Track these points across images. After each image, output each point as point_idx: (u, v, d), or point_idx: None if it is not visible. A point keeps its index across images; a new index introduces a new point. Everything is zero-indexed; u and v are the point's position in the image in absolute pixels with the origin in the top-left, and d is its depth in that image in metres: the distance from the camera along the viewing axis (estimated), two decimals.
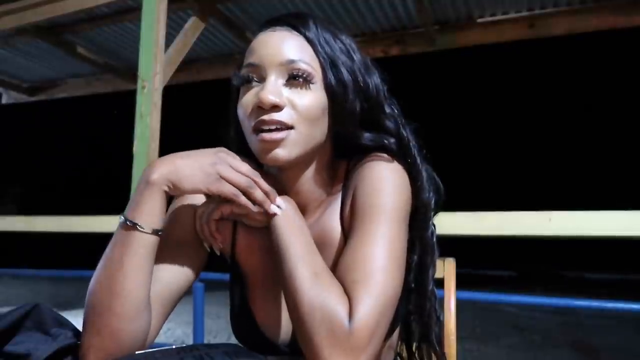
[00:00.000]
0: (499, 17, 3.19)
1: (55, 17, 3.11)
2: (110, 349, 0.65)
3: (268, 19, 0.79)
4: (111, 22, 3.50)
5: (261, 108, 0.71)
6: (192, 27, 2.83)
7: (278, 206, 0.72)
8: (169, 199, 0.73)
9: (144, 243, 0.68)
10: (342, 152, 0.82)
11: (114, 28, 3.63)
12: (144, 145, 2.33)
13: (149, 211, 0.68)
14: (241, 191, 0.70)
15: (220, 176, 0.69)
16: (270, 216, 0.72)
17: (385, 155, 0.76)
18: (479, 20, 3.23)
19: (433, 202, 0.80)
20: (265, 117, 0.71)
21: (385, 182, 0.73)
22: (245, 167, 0.71)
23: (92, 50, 3.99)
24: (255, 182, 0.70)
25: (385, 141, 0.77)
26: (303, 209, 0.79)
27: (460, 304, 1.03)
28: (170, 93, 2.57)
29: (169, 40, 2.61)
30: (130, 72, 4.03)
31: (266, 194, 0.71)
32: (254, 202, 0.71)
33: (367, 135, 0.77)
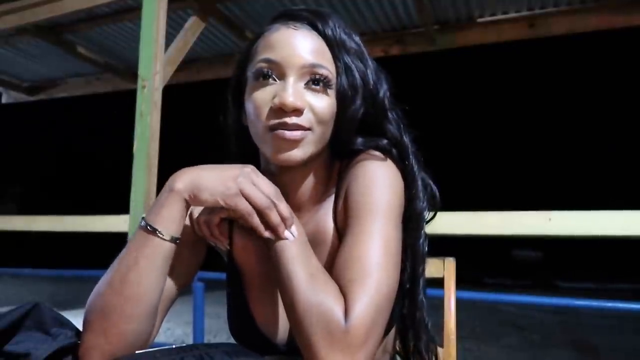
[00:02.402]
0: (499, 16, 3.19)
1: (55, 17, 3.11)
2: (115, 350, 0.65)
3: (285, 12, 0.78)
4: (111, 21, 3.50)
5: (281, 109, 0.70)
6: (192, 27, 2.83)
7: (292, 234, 0.69)
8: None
9: (161, 249, 0.68)
10: (337, 153, 0.82)
11: (114, 27, 3.63)
12: (144, 145, 2.33)
13: (169, 218, 0.68)
14: (259, 210, 0.68)
15: (241, 192, 0.67)
16: (272, 230, 0.70)
17: (377, 153, 0.76)
18: (479, 20, 3.23)
19: (426, 211, 0.80)
20: (287, 119, 0.70)
21: (378, 180, 0.73)
22: (267, 187, 0.68)
23: (92, 50, 3.99)
24: (275, 204, 0.68)
25: (379, 142, 0.77)
26: (298, 208, 0.80)
27: (460, 303, 1.03)
28: (170, 92, 2.57)
29: (169, 39, 2.61)
30: (130, 71, 4.04)
31: (283, 219, 0.69)
32: (269, 224, 0.68)
33: (359, 140, 0.77)
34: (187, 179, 0.69)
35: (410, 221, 0.77)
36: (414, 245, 0.79)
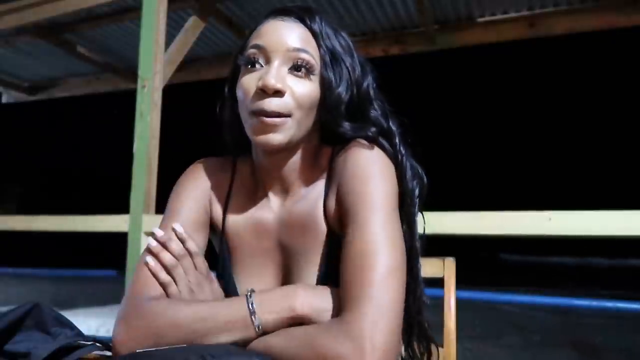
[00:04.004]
0: (499, 16, 3.19)
1: (56, 17, 3.12)
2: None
3: (277, 9, 0.81)
4: (111, 21, 3.51)
5: (263, 91, 0.73)
6: (192, 27, 2.83)
7: None
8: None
9: (245, 328, 0.67)
10: (328, 140, 0.84)
11: (114, 27, 3.63)
12: (144, 144, 2.33)
13: (273, 312, 0.68)
14: None
15: None
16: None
17: (366, 142, 0.78)
18: (479, 19, 3.24)
19: (417, 190, 0.81)
20: (266, 101, 0.73)
21: (371, 171, 0.74)
22: None
23: (92, 50, 4.00)
24: None
25: (369, 132, 0.79)
26: (286, 191, 0.82)
27: (460, 303, 1.03)
28: (170, 92, 2.57)
29: (169, 39, 2.61)
30: (131, 71, 4.04)
31: None
32: None
33: (347, 124, 0.79)
34: (307, 300, 0.68)
35: (403, 202, 0.79)
36: (410, 221, 0.80)
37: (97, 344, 0.72)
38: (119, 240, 2.33)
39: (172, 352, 0.62)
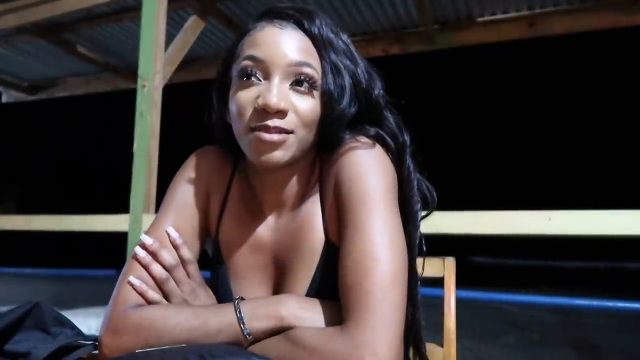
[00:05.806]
0: (499, 16, 3.19)
1: (55, 16, 3.12)
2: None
3: (270, 10, 0.76)
4: (111, 21, 3.51)
5: (264, 110, 0.68)
6: (192, 26, 2.83)
7: None
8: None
9: (234, 336, 0.67)
10: (321, 148, 0.80)
11: (114, 27, 3.63)
12: (144, 144, 2.33)
13: (263, 320, 0.67)
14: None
15: None
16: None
17: (365, 139, 0.74)
18: (479, 19, 3.24)
19: (420, 213, 0.78)
20: (269, 122, 0.68)
21: (369, 167, 0.71)
22: None
23: (92, 49, 4.00)
24: None
25: (367, 131, 0.75)
26: (282, 205, 0.79)
27: (460, 303, 1.03)
28: (170, 92, 2.57)
29: (169, 39, 2.61)
30: (131, 71, 4.04)
31: None
32: None
33: (347, 136, 0.75)
34: (294, 309, 0.68)
35: (407, 222, 0.76)
36: (411, 244, 0.76)
37: (97, 344, 0.72)
38: (119, 240, 2.33)
39: (171, 352, 0.62)
